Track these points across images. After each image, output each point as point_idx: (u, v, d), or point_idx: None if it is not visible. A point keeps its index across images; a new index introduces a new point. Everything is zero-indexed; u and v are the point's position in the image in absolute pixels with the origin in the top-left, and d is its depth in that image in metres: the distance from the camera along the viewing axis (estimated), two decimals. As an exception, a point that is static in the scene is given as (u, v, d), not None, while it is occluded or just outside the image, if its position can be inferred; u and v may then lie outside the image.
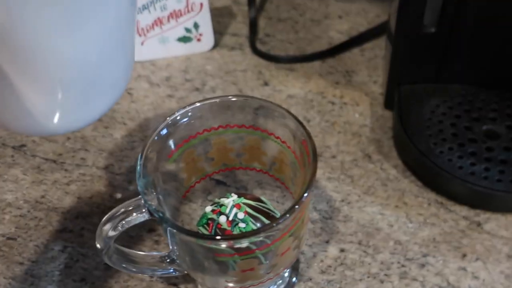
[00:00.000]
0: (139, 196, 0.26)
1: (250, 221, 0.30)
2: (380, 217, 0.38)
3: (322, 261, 0.35)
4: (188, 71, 0.52)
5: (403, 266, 0.35)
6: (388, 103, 0.45)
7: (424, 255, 0.35)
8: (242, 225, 0.29)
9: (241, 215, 0.29)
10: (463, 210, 0.37)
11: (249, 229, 0.29)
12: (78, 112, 0.23)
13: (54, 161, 0.44)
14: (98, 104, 0.23)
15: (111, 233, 0.26)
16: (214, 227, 0.29)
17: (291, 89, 0.49)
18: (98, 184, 0.42)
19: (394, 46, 0.39)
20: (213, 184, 0.40)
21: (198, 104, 0.28)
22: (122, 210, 0.25)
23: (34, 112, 0.21)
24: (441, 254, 0.35)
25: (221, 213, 0.30)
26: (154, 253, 0.31)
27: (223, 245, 0.24)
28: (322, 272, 0.35)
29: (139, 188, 0.25)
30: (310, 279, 0.34)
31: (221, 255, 0.24)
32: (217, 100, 0.29)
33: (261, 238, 0.23)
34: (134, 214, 0.25)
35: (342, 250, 0.36)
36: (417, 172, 0.39)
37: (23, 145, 0.45)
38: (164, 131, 0.28)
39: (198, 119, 0.29)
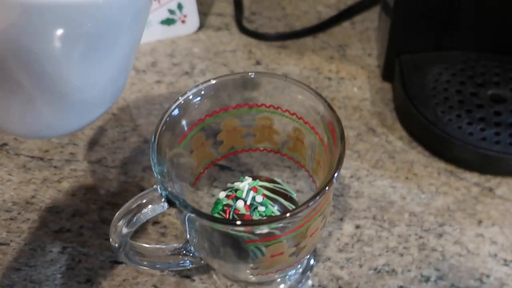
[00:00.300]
0: (154, 187, 0.24)
1: (269, 203, 0.28)
2: (391, 190, 0.37)
3: (338, 239, 0.34)
4: (175, 55, 0.49)
5: (421, 237, 0.34)
6: (387, 75, 0.44)
7: (441, 225, 0.34)
8: (261, 208, 0.28)
9: (259, 198, 0.28)
10: (474, 177, 0.37)
11: (269, 212, 0.28)
12: (78, 121, 0.24)
13: (41, 159, 0.41)
14: (98, 112, 0.25)
15: (125, 230, 0.24)
16: (231, 213, 0.28)
17: (284, 67, 0.47)
18: (92, 179, 0.39)
19: (393, 15, 0.38)
20: (218, 170, 0.38)
21: (213, 82, 0.26)
22: (137, 204, 0.23)
23: (40, 120, 0.23)
24: (457, 222, 0.35)
25: (237, 198, 0.28)
26: (169, 245, 0.29)
27: (262, 230, 0.22)
28: (340, 250, 0.34)
29: (156, 175, 0.23)
30: (329, 259, 0.33)
31: (251, 241, 0.23)
32: (234, 77, 0.27)
33: (296, 219, 0.22)
34: (150, 206, 0.23)
35: (357, 227, 0.35)
36: (424, 142, 0.38)
37: (5, 144, 0.42)
38: (176, 112, 0.26)
39: (211, 98, 0.27)
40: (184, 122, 0.27)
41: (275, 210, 0.28)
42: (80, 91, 0.22)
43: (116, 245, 0.24)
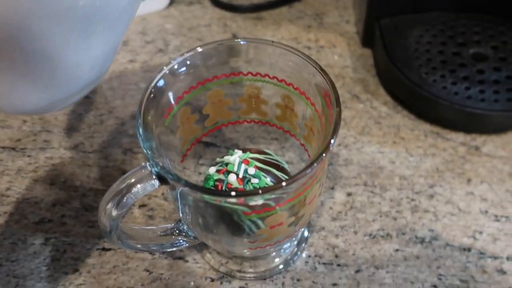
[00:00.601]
0: (142, 164, 0.23)
1: (262, 175, 0.27)
2: (380, 155, 0.36)
3: (331, 208, 0.34)
4: (147, 33, 0.47)
5: (412, 200, 0.34)
6: (366, 41, 0.43)
7: (431, 186, 0.34)
8: (254, 180, 0.27)
9: (251, 171, 0.27)
10: (460, 137, 0.37)
11: (262, 184, 0.27)
12: (62, 102, 0.23)
13: (13, 148, 0.38)
14: (83, 93, 0.24)
15: (116, 213, 0.22)
16: (223, 188, 0.27)
17: (262, 38, 0.46)
18: (70, 166, 0.37)
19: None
20: (203, 147, 0.37)
21: (199, 50, 0.25)
22: (126, 183, 0.22)
23: (25, 99, 0.22)
24: (447, 182, 0.35)
25: (228, 172, 0.27)
26: (161, 226, 0.28)
27: (257, 201, 0.21)
28: (334, 219, 0.33)
29: (146, 151, 0.22)
30: (323, 228, 0.33)
31: (250, 213, 0.22)
32: (221, 44, 0.25)
33: (293, 188, 0.21)
34: (140, 185, 0.22)
35: (349, 194, 0.34)
36: (410, 105, 0.38)
37: (-28, 136, 0.39)
38: (161, 83, 0.24)
39: (196, 68, 0.26)
40: (169, 95, 0.25)
41: (268, 181, 0.27)
42: (75, 68, 0.21)
43: (107, 229, 0.23)
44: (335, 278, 0.30)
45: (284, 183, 0.20)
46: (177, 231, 0.28)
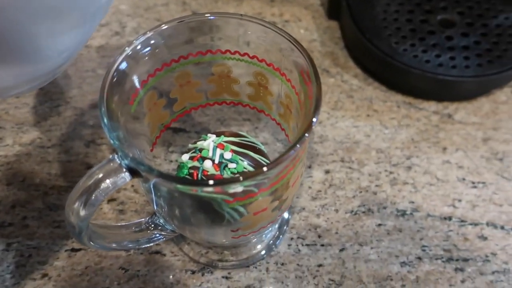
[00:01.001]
0: (109, 157, 0.21)
1: (239, 159, 0.26)
2: (355, 130, 0.36)
3: (310, 187, 0.33)
4: (100, 15, 0.44)
5: (391, 173, 0.33)
6: (332, 13, 0.42)
7: (408, 158, 0.34)
8: (232, 165, 0.25)
9: (228, 155, 0.25)
10: (432, 105, 0.37)
11: (240, 168, 0.25)
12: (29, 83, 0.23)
13: (-38, 149, 0.35)
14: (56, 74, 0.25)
15: (84, 212, 0.20)
16: (199, 176, 0.25)
17: (224, 15, 0.43)
18: (28, 164, 0.34)
19: None
20: (171, 133, 0.35)
21: (164, 27, 0.23)
22: (93, 179, 0.20)
23: None
24: (423, 152, 0.34)
25: (203, 158, 0.26)
26: (134, 221, 0.26)
27: (241, 188, 0.19)
28: (313, 198, 0.32)
29: (113, 142, 0.20)
30: (303, 209, 0.32)
31: (233, 200, 0.20)
32: (187, 20, 0.23)
33: (275, 172, 0.19)
34: (109, 179, 0.20)
35: (327, 172, 0.33)
36: (381, 77, 0.37)
37: None
38: (124, 65, 0.22)
39: (161, 48, 0.23)
40: (133, 79, 0.23)
41: (245, 165, 0.26)
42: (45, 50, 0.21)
43: (76, 230, 0.21)
44: (320, 259, 0.30)
45: (265, 168, 0.18)
46: (152, 225, 0.26)
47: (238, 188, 0.19)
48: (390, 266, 0.29)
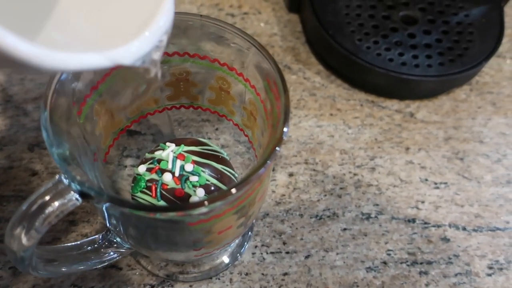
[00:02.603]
0: (57, 177, 0.18)
1: (201, 170, 0.24)
2: (318, 129, 0.35)
3: (274, 191, 0.32)
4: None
5: (355, 174, 0.33)
6: (293, 6, 0.40)
7: (372, 158, 0.33)
8: (194, 178, 0.23)
9: (189, 167, 0.24)
10: (394, 104, 0.36)
11: (202, 181, 0.24)
12: None
13: None
14: None
15: (27, 242, 0.18)
16: (158, 190, 0.23)
17: (180, 6, 0.41)
18: (-37, 171, 0.31)
19: None
20: (125, 136, 0.32)
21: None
22: (38, 204, 0.18)
23: None
24: (387, 153, 0.34)
25: (162, 171, 0.24)
26: (85, 239, 0.24)
27: (205, 209, 0.18)
28: (277, 203, 0.31)
29: (59, 163, 0.17)
30: (267, 215, 0.31)
31: (197, 222, 0.19)
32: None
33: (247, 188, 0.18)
34: (57, 203, 0.18)
35: (291, 175, 0.32)
36: (344, 74, 0.36)
37: None
38: (64, 76, 0.19)
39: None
40: (79, 87, 0.21)
41: (207, 176, 0.24)
42: None
43: (18, 260, 0.18)
44: (285, 267, 0.29)
45: (234, 190, 0.17)
46: (106, 243, 0.24)
47: (202, 210, 0.18)
48: (356, 272, 0.29)
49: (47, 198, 0.18)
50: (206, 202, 0.16)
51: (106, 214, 0.20)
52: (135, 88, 0.19)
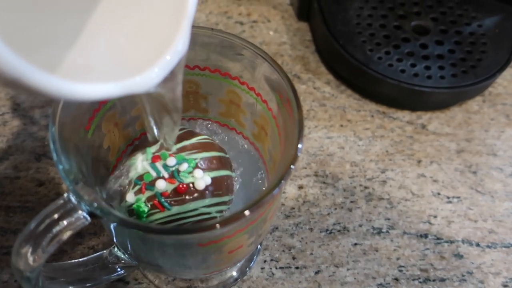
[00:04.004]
0: (65, 195, 0.18)
1: (184, 156, 0.22)
2: (328, 141, 0.34)
3: (283, 204, 0.31)
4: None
5: (366, 188, 0.32)
6: (302, 14, 0.40)
7: (383, 171, 0.33)
8: (183, 167, 0.21)
9: (171, 161, 0.22)
10: (406, 115, 0.36)
11: (192, 163, 0.22)
12: None
13: None
14: None
15: (34, 262, 0.18)
16: (162, 202, 0.22)
17: (188, 14, 0.41)
18: (-31, 181, 0.31)
19: None
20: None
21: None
22: (46, 223, 0.17)
23: None
24: (398, 165, 0.33)
25: (151, 183, 0.22)
26: (92, 256, 0.23)
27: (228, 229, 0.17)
28: (287, 216, 0.31)
29: (67, 182, 0.17)
30: (277, 228, 0.30)
31: (208, 243, 0.18)
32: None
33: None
34: (65, 222, 0.17)
35: (300, 187, 0.32)
36: (354, 84, 0.36)
37: None
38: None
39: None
40: (88, 101, 0.20)
41: (193, 156, 0.22)
42: None
43: (25, 280, 0.18)
44: (295, 283, 0.28)
45: (247, 212, 0.16)
46: (113, 259, 0.23)
47: (213, 234, 0.17)
48: (367, 289, 0.28)
49: (55, 217, 0.18)
50: (218, 225, 0.16)
51: (113, 232, 0.20)
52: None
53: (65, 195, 0.18)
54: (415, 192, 0.32)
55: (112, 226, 0.19)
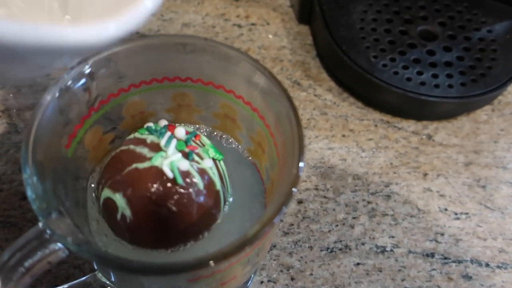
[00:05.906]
0: (39, 225, 0.16)
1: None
2: (330, 152, 0.32)
3: (281, 220, 0.29)
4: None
5: (369, 202, 0.30)
6: (303, 17, 0.38)
7: (387, 185, 0.31)
8: (182, 166, 0.20)
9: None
10: (411, 125, 0.34)
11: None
12: None
13: None
14: None
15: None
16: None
17: (184, 16, 0.39)
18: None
19: None
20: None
21: (101, 55, 0.18)
22: (16, 257, 0.15)
23: None
24: (403, 179, 0.31)
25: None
26: (74, 282, 0.22)
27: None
28: (285, 233, 0.29)
29: (39, 215, 0.15)
30: (274, 246, 0.28)
31: (197, 278, 0.16)
32: (133, 44, 0.19)
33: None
34: (39, 254, 0.16)
35: (300, 202, 0.30)
36: (358, 92, 0.34)
37: None
38: (50, 110, 0.17)
39: (104, 78, 0.19)
40: (70, 116, 0.18)
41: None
42: None
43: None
44: (293, 306, 0.26)
45: (247, 248, 0.14)
46: (96, 283, 0.22)
47: (206, 272, 0.15)
48: (369, 312, 0.26)
49: (28, 249, 0.16)
50: (211, 262, 0.14)
51: (95, 265, 0.18)
52: None
53: (40, 224, 0.16)
54: (421, 208, 0.30)
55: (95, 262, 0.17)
